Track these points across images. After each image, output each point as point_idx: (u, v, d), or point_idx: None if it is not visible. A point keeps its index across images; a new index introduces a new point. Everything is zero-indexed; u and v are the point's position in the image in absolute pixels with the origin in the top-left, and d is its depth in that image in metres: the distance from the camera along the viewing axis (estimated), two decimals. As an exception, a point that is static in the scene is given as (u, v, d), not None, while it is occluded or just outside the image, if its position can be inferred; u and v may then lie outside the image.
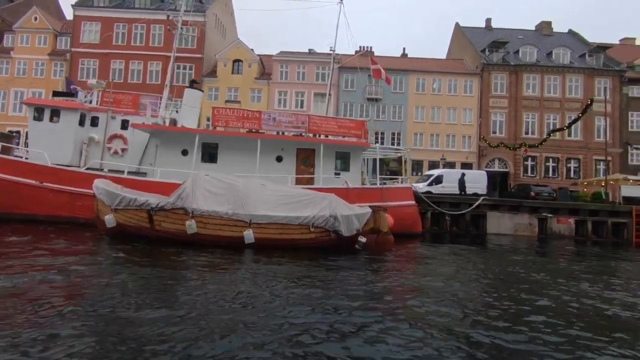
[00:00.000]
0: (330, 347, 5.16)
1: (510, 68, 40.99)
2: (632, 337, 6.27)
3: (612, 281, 11.23)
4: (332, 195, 12.33)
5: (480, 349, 5.40)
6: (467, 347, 5.46)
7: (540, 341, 5.79)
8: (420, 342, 5.51)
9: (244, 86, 41.13)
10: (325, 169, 16.95)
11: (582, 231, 22.29)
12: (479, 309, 7.30)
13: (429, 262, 13.02)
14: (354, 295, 7.63)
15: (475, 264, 12.88)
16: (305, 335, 5.48)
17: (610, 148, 40.36)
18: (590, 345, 5.79)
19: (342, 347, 5.17)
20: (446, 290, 8.63)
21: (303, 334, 5.49)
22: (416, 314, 6.89)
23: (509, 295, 8.55)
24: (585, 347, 5.71)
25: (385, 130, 41.00)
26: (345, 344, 5.27)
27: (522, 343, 5.70)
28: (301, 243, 11.64)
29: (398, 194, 17.36)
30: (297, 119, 16.66)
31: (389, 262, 12.13)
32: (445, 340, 5.63)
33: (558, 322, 6.71)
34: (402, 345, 5.37)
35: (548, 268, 12.87)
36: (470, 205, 21.97)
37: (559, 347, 5.64)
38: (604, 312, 7.57)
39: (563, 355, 5.35)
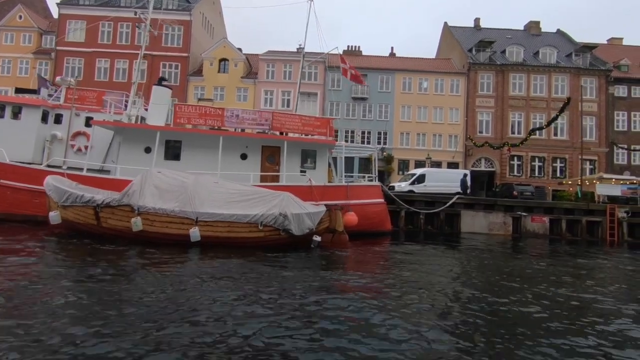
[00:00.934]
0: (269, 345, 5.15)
1: (497, 67, 40.92)
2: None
3: (578, 280, 11.14)
4: (285, 193, 12.22)
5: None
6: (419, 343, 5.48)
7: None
8: (357, 341, 5.52)
9: (230, 85, 41.04)
10: (291, 166, 16.85)
11: (556, 230, 22.21)
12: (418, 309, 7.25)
13: (383, 260, 12.87)
14: (297, 293, 7.62)
15: (428, 261, 12.76)
16: (245, 335, 5.46)
17: (596, 147, 40.42)
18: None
19: (290, 346, 5.17)
20: (389, 288, 8.60)
21: (243, 335, 5.48)
22: (364, 311, 6.88)
23: (468, 295, 8.47)
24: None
25: (371, 130, 40.94)
26: (288, 342, 5.28)
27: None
28: (250, 241, 11.53)
29: (365, 193, 17.25)
30: (260, 116, 16.54)
31: (336, 260, 11.96)
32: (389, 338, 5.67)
33: (507, 324, 6.66)
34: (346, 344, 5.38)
35: (509, 265, 12.82)
36: (445, 203, 21.86)
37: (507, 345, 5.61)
38: (570, 312, 7.51)
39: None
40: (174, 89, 40.40)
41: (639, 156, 39.83)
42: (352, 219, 15.67)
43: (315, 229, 12.11)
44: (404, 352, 5.17)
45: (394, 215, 21.72)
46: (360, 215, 16.17)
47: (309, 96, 41.34)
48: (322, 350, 5.08)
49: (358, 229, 16.21)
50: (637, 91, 40.36)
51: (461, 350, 5.37)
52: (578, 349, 5.63)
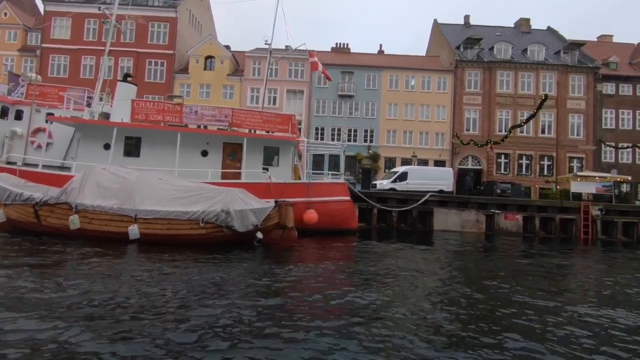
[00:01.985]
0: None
1: (484, 65, 40.69)
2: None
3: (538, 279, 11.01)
4: (231, 189, 12.13)
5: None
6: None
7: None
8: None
9: (216, 83, 40.95)
10: (253, 163, 16.74)
11: (530, 227, 22.05)
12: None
13: (320, 257, 12.57)
14: (231, 291, 7.56)
15: (374, 260, 12.58)
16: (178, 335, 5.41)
17: (583, 145, 40.20)
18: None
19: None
20: (320, 285, 8.52)
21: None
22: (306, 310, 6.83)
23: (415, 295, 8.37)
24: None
25: (358, 128, 40.80)
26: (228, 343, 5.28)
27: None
28: (192, 239, 11.44)
29: (328, 190, 17.13)
30: (220, 112, 16.41)
31: (275, 257, 11.75)
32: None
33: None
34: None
35: (467, 263, 12.69)
36: (417, 201, 21.74)
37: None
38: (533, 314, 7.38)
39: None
40: (159, 86, 40.74)
41: (626, 154, 39.56)
42: (311, 217, 15.60)
43: (260, 225, 12.00)
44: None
45: (365, 213, 21.61)
46: (322, 212, 16.09)
47: (295, 94, 41.24)
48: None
49: (320, 226, 16.14)
50: (625, 88, 40.08)
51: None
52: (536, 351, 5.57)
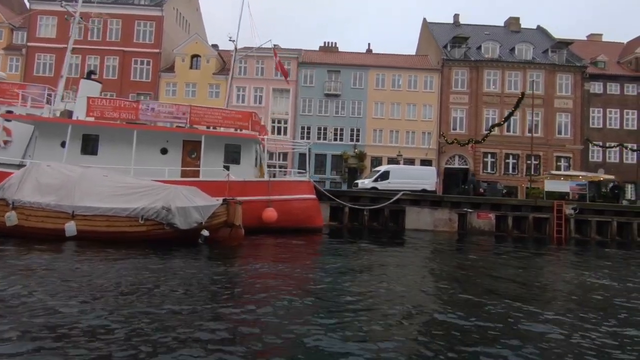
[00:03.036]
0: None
1: (471, 64, 40.51)
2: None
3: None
4: (176, 187, 12.00)
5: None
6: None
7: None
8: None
9: (202, 82, 40.86)
10: (213, 161, 16.60)
11: (502, 226, 21.87)
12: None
13: (259, 256, 12.39)
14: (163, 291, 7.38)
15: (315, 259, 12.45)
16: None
17: (571, 145, 39.96)
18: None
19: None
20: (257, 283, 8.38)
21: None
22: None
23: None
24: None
25: (344, 127, 40.64)
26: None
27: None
28: (131, 236, 11.31)
29: (290, 188, 16.99)
30: (177, 109, 16.30)
31: (208, 255, 11.53)
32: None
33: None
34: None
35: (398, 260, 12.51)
36: (388, 199, 21.59)
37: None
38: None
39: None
40: (145, 85, 40.71)
41: (614, 153, 39.31)
42: (270, 215, 15.48)
43: (205, 222, 11.86)
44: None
45: (337, 211, 21.50)
46: (283, 211, 15.96)
47: (281, 93, 41.12)
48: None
49: (281, 224, 16.01)
50: (613, 87, 39.84)
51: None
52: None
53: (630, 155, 39.02)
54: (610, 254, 17.87)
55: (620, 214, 21.91)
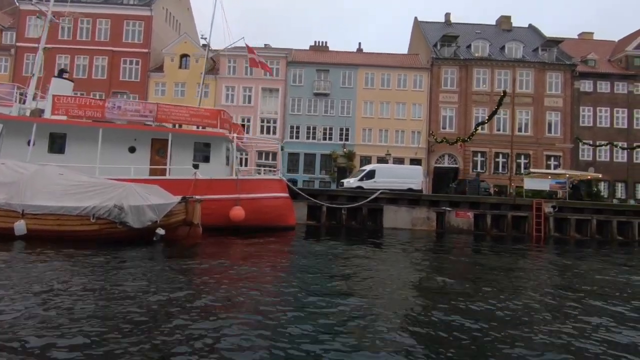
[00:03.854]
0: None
1: (460, 62, 40.36)
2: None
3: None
4: (130, 184, 11.92)
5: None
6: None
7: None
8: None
9: (191, 81, 40.76)
10: (182, 160, 16.54)
11: (481, 225, 21.72)
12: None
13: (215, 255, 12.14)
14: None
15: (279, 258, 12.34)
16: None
17: (561, 143, 39.72)
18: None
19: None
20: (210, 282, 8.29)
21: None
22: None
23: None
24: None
25: (333, 126, 40.55)
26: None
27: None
28: (83, 235, 11.23)
29: (260, 186, 16.90)
30: (144, 107, 16.24)
31: (158, 254, 11.38)
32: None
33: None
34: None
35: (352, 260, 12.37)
36: (366, 198, 21.49)
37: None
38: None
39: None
40: (134, 85, 40.68)
41: (604, 152, 39.10)
42: (238, 214, 15.40)
43: (161, 221, 11.77)
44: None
45: (315, 210, 21.42)
46: (252, 209, 15.87)
47: (270, 92, 41.07)
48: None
49: (250, 223, 15.92)
50: (603, 86, 39.63)
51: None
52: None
53: (621, 154, 38.83)
54: (585, 253, 17.72)
55: (600, 212, 21.75)
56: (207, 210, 14.60)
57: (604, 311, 7.68)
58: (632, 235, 21.27)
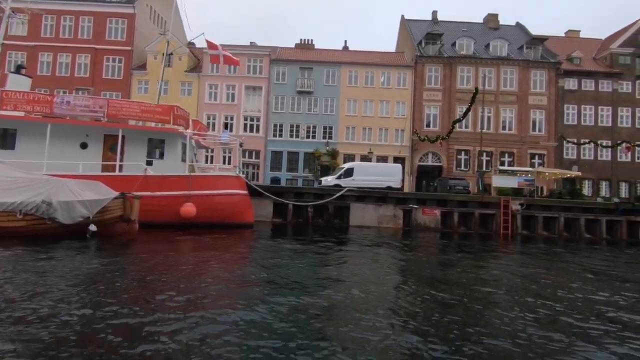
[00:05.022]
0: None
1: (444, 60, 40.16)
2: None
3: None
4: (62, 180, 11.79)
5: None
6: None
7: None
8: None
9: (174, 79, 40.75)
10: (136, 156, 16.40)
11: (448, 223, 21.54)
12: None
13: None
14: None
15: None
16: None
17: (545, 142, 39.57)
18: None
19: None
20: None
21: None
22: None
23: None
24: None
25: (317, 124, 40.40)
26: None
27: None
28: (9, 231, 11.06)
29: (214, 183, 16.73)
30: (94, 102, 16.12)
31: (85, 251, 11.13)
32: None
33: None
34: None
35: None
36: (332, 195, 21.34)
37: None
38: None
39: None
40: (117, 83, 40.58)
41: (588, 150, 38.88)
42: (189, 210, 15.29)
43: (94, 217, 11.63)
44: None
45: (281, 208, 21.29)
46: (205, 206, 15.73)
47: (254, 90, 40.94)
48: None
49: (203, 220, 15.79)
50: (587, 84, 39.41)
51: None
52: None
53: (605, 153, 38.60)
54: (546, 251, 17.55)
55: (568, 209, 21.55)
56: (158, 206, 14.51)
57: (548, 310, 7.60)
58: (600, 233, 21.08)
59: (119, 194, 12.27)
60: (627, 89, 38.89)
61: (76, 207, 11.33)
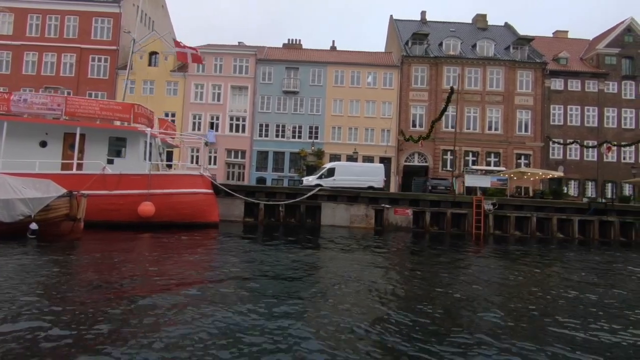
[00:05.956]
0: None
1: (431, 60, 40.02)
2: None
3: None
4: (3, 177, 11.61)
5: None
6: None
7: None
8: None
9: (160, 79, 40.71)
10: (97, 154, 16.29)
11: (420, 222, 21.39)
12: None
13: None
14: None
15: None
16: None
17: (531, 142, 39.41)
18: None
19: None
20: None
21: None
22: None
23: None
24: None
25: (302, 124, 40.28)
26: None
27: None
28: None
29: (176, 182, 16.59)
30: (52, 100, 16.02)
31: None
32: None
33: None
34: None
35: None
36: (303, 195, 21.21)
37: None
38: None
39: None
40: (102, 82, 40.52)
41: (574, 151, 38.72)
42: (147, 209, 15.17)
43: (35, 215, 11.50)
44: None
45: (253, 207, 21.18)
46: (165, 205, 15.61)
47: (240, 90, 40.84)
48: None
49: (163, 219, 15.68)
50: (573, 84, 39.26)
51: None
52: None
53: (591, 153, 38.45)
54: (513, 251, 17.42)
55: (540, 209, 21.39)
56: (115, 205, 14.39)
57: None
58: (573, 232, 20.92)
59: (66, 193, 12.14)
60: (613, 89, 38.75)
61: (16, 205, 11.20)
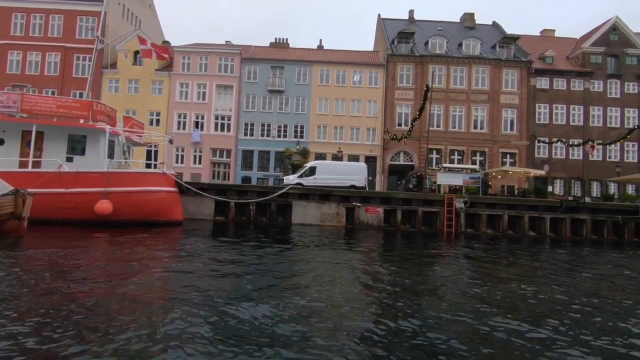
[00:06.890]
0: None
1: (416, 59, 39.88)
2: None
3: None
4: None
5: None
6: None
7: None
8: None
9: (145, 78, 40.58)
10: (56, 152, 16.16)
11: (392, 221, 21.25)
12: None
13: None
14: None
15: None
16: None
17: (516, 141, 39.28)
18: None
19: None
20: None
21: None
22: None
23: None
24: None
25: (288, 123, 40.17)
26: None
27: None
28: None
29: (137, 180, 16.45)
30: (8, 97, 15.92)
31: None
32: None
33: None
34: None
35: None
36: (274, 192, 21.10)
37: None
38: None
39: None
40: (87, 82, 40.40)
41: (560, 149, 38.57)
42: (104, 207, 15.03)
43: (-19, 213, 11.40)
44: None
45: (224, 206, 21.07)
46: (123, 203, 15.48)
47: (225, 89, 40.73)
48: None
49: (122, 217, 15.55)
50: (559, 83, 39.12)
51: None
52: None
53: (577, 152, 38.33)
54: (485, 248, 17.31)
55: (512, 207, 21.25)
56: (72, 203, 14.27)
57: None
58: (544, 230, 20.78)
59: (11, 191, 12.00)
60: (599, 88, 38.63)
61: (-37, 203, 11.12)
